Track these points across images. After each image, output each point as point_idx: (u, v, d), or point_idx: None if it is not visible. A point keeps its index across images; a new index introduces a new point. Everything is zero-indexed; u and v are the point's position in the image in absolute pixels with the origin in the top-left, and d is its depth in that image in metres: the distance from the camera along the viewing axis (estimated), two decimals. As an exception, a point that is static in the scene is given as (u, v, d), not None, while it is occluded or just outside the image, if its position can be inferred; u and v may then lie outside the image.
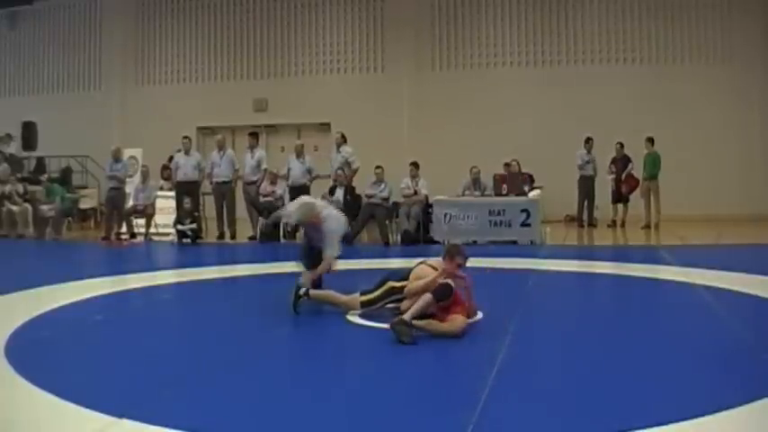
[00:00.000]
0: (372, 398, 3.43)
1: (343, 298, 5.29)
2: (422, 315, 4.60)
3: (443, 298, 4.56)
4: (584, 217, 13.52)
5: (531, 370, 3.90)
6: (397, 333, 4.32)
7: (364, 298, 5.17)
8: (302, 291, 5.29)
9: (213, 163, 12.25)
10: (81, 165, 17.11)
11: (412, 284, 4.88)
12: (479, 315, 4.97)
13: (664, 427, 2.83)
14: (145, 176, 12.93)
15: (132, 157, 14.58)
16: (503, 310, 4.54)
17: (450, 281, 4.69)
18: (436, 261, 5.06)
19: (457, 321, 4.56)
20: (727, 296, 5.94)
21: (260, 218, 11.67)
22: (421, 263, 5.11)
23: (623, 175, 13.25)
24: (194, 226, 11.69)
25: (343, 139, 12.19)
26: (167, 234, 12.35)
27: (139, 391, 3.51)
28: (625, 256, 9.41)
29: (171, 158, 13.25)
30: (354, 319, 5.13)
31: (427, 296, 4.55)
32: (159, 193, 12.96)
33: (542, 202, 11.69)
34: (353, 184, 11.88)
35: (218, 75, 17.66)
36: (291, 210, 5.98)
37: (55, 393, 3.33)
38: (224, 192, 12.21)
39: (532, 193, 11.50)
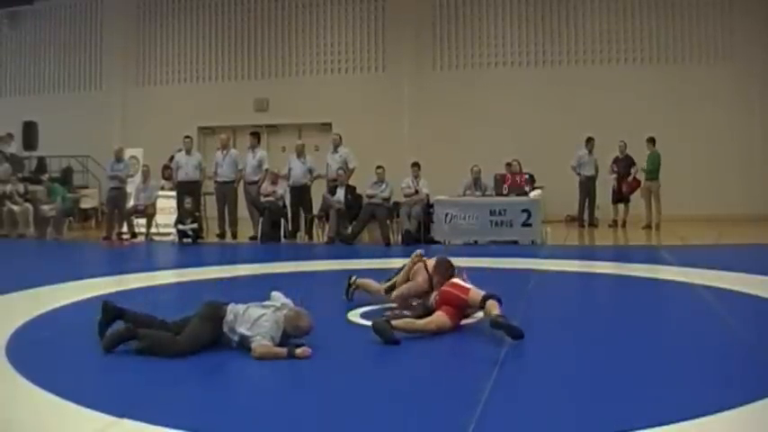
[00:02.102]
0: (373, 398, 3.44)
1: (376, 285, 5.78)
2: (426, 312, 4.81)
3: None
4: (585, 217, 13.51)
5: (532, 370, 3.90)
6: (377, 333, 4.34)
7: (386, 285, 5.64)
8: (353, 279, 5.85)
9: (216, 163, 12.26)
10: (82, 164, 17.14)
11: (398, 278, 5.42)
12: (480, 314, 4.96)
13: (664, 427, 2.84)
14: (146, 176, 12.93)
15: (133, 157, 14.58)
16: (504, 310, 4.53)
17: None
18: (431, 263, 5.23)
19: (438, 320, 4.60)
20: (728, 296, 5.93)
21: (260, 218, 11.69)
22: None
23: (630, 179, 13.20)
24: (195, 226, 11.71)
25: (340, 141, 12.31)
26: (168, 234, 12.36)
27: (139, 391, 3.51)
28: (626, 257, 9.40)
29: (172, 158, 13.27)
30: (355, 318, 5.16)
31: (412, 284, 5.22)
32: (160, 192, 12.96)
33: (543, 202, 11.69)
34: (353, 183, 11.89)
35: (219, 75, 17.68)
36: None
37: (56, 393, 3.34)
38: (226, 192, 12.22)
39: (533, 193, 11.50)
